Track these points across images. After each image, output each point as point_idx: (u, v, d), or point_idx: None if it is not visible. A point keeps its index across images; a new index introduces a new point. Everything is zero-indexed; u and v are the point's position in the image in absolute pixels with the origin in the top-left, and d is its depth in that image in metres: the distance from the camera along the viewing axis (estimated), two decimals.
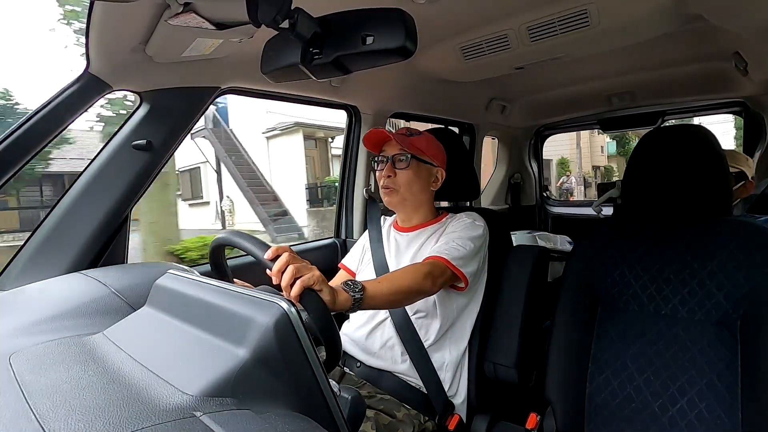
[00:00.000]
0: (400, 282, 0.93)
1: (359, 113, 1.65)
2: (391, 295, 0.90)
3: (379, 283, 0.89)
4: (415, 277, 0.95)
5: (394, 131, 1.19)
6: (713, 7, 1.06)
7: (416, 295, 0.98)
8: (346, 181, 1.72)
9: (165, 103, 1.06)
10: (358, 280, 0.85)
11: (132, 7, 0.76)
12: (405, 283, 0.93)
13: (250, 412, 0.48)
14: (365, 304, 0.83)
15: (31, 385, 0.50)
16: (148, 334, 0.64)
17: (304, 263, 0.73)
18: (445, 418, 1.08)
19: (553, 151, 14.39)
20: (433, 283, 0.97)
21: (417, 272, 0.97)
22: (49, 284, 0.88)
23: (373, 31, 0.60)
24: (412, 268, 0.99)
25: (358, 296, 0.81)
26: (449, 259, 1.03)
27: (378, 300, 0.86)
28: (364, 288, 0.83)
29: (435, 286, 0.99)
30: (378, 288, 0.87)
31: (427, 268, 0.98)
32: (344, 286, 0.81)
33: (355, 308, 0.82)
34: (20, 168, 0.91)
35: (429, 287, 0.97)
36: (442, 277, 1.01)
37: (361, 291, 0.82)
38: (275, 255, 0.71)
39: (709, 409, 0.92)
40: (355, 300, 0.80)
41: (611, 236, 1.13)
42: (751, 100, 1.90)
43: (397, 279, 0.94)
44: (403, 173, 1.15)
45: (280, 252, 0.71)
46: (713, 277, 0.97)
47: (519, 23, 1.19)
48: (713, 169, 1.00)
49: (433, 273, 0.98)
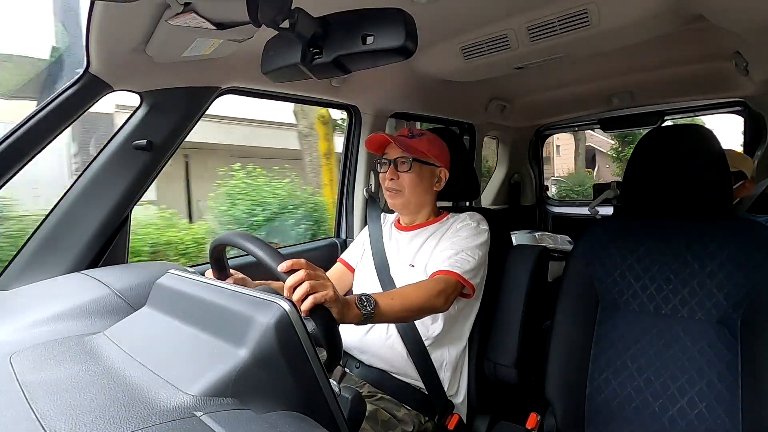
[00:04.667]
0: (412, 299, 0.93)
1: (359, 113, 1.65)
2: (402, 311, 0.90)
3: (392, 300, 0.88)
4: (429, 295, 0.95)
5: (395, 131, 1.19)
6: (713, 7, 1.06)
7: (427, 312, 0.98)
8: (346, 180, 1.72)
9: (165, 103, 1.06)
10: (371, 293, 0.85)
11: (132, 7, 0.76)
12: (418, 301, 0.93)
13: (250, 412, 0.48)
14: (375, 320, 0.84)
15: (32, 384, 0.50)
16: (149, 334, 0.64)
17: (319, 278, 0.72)
18: (445, 417, 1.08)
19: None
20: (446, 300, 0.98)
21: (430, 290, 0.96)
22: (49, 284, 0.88)
23: (374, 31, 0.60)
24: (425, 284, 0.99)
25: (369, 313, 0.82)
26: (461, 273, 1.03)
27: (388, 316, 0.87)
28: (376, 304, 0.83)
29: (447, 303, 0.99)
30: (390, 305, 0.87)
31: (440, 286, 0.98)
32: (357, 302, 0.81)
33: (363, 323, 0.82)
34: (20, 168, 0.91)
35: (441, 305, 0.97)
36: (455, 294, 1.02)
37: (373, 308, 0.82)
38: (290, 269, 0.71)
39: (709, 408, 0.92)
40: (365, 316, 0.81)
41: (611, 236, 1.13)
42: (751, 100, 1.90)
43: (409, 296, 0.93)
44: (406, 176, 1.15)
45: (296, 266, 0.71)
46: (713, 277, 0.97)
47: (519, 23, 1.19)
48: (713, 169, 1.00)
49: (446, 290, 0.99)
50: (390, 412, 1.02)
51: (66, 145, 3.37)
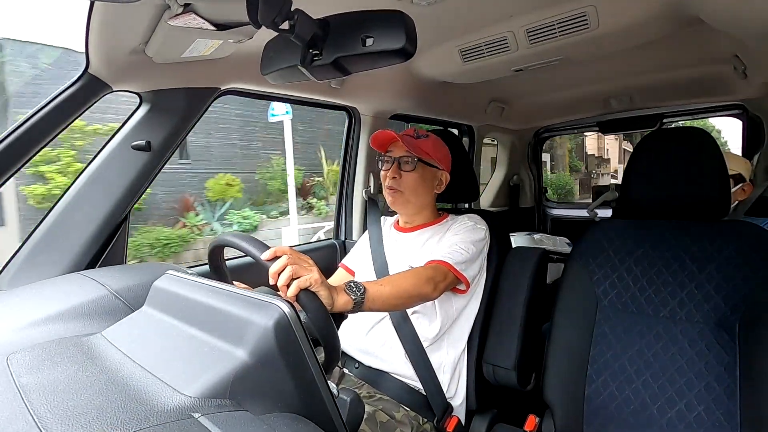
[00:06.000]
0: (401, 285, 0.93)
1: (359, 115, 1.65)
2: (392, 298, 0.90)
3: (381, 286, 0.89)
4: (417, 281, 0.95)
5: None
6: (712, 10, 1.06)
7: (417, 299, 0.98)
8: (346, 182, 1.72)
9: (165, 104, 1.06)
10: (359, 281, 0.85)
11: (132, 7, 0.76)
12: (406, 286, 0.93)
13: (248, 414, 0.48)
14: (366, 306, 0.83)
15: (29, 385, 0.50)
16: (147, 335, 0.64)
17: (305, 263, 0.72)
18: (443, 419, 1.08)
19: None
20: (434, 287, 0.98)
21: (419, 276, 0.96)
22: (47, 284, 0.88)
23: (373, 33, 0.60)
24: (414, 271, 0.99)
25: (359, 299, 0.81)
26: (452, 263, 1.03)
27: (379, 303, 0.86)
28: (365, 290, 0.83)
29: (436, 291, 0.99)
30: (379, 291, 0.87)
31: (429, 273, 0.98)
32: (346, 288, 0.80)
33: (355, 310, 0.81)
34: (19, 168, 0.90)
35: (430, 291, 0.97)
36: (444, 282, 1.01)
37: (362, 293, 0.82)
38: (274, 256, 0.71)
39: (707, 411, 0.92)
40: (355, 302, 0.80)
41: (610, 238, 1.13)
42: (750, 103, 1.91)
43: (398, 282, 0.94)
44: (409, 175, 1.15)
45: (279, 253, 0.71)
46: (712, 280, 0.97)
47: (518, 26, 1.19)
48: (712, 172, 1.00)
49: (435, 278, 0.98)
50: (388, 414, 1.02)
51: None
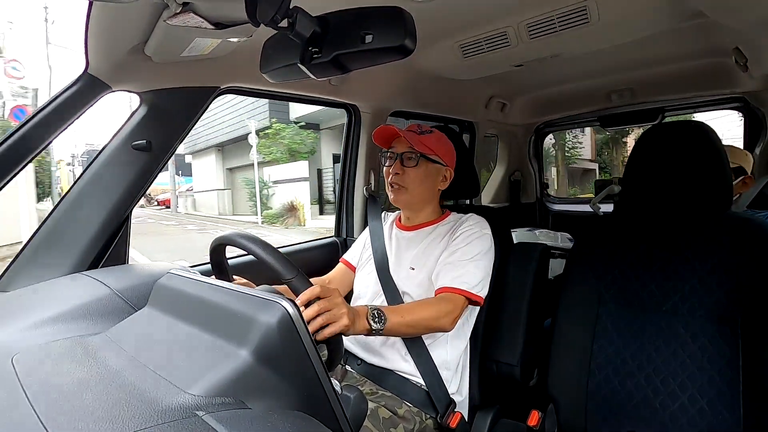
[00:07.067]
0: (421, 318, 0.97)
1: (359, 112, 1.65)
2: (408, 329, 0.96)
3: (402, 318, 0.93)
4: (437, 316, 0.99)
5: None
6: (713, 3, 1.06)
7: (432, 330, 1.03)
8: (346, 180, 1.72)
9: (164, 104, 1.06)
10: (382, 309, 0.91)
11: (131, 7, 0.76)
12: (426, 322, 0.98)
13: (252, 412, 0.48)
14: (382, 334, 0.90)
15: (34, 386, 0.50)
16: (150, 334, 0.64)
17: (332, 305, 0.78)
18: (446, 415, 1.08)
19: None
20: (452, 321, 1.01)
21: (439, 311, 1.00)
22: (50, 285, 0.88)
23: (373, 30, 0.60)
24: (435, 306, 1.01)
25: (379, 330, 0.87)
26: (469, 289, 1.05)
27: (393, 332, 0.93)
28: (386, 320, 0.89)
29: (453, 324, 1.02)
30: (399, 323, 0.92)
31: (449, 307, 1.01)
32: (369, 317, 0.86)
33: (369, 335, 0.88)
34: (20, 169, 0.91)
35: (447, 325, 1.01)
36: (461, 311, 1.05)
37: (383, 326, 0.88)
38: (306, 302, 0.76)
39: (710, 405, 0.92)
40: (373, 331, 0.87)
41: (612, 233, 1.13)
42: (751, 96, 1.90)
43: (419, 315, 0.97)
44: (412, 172, 1.14)
45: (311, 298, 0.76)
46: (714, 274, 0.97)
47: (518, 21, 1.18)
48: (713, 165, 1.00)
49: (453, 312, 1.01)
50: (391, 410, 1.02)
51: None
